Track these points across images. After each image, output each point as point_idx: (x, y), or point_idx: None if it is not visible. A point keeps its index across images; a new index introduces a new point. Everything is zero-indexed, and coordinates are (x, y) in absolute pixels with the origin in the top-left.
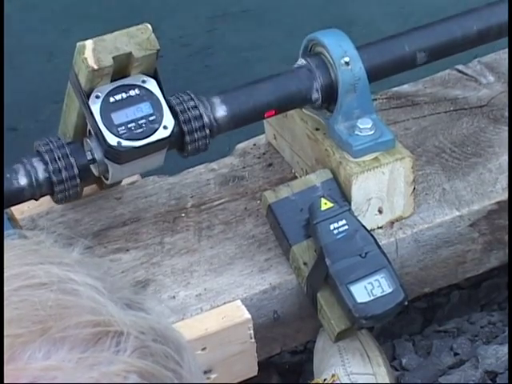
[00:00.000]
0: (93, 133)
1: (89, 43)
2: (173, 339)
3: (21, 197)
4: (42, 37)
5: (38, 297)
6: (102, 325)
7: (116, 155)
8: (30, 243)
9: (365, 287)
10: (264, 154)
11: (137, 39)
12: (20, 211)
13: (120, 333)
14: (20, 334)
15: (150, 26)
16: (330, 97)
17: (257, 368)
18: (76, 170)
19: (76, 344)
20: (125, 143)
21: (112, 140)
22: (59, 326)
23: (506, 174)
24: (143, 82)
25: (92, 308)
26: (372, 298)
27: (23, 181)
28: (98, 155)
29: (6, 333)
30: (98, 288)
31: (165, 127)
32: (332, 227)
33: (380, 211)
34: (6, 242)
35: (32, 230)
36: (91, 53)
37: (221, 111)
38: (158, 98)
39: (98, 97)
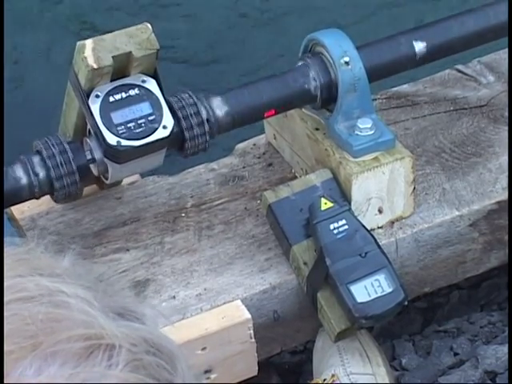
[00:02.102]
0: (92, 132)
1: (89, 42)
2: (165, 349)
3: (20, 196)
4: None
5: (28, 310)
6: (94, 338)
7: (115, 155)
8: (20, 252)
9: (365, 287)
10: (264, 153)
11: (137, 39)
12: (20, 211)
13: (112, 346)
14: (11, 350)
15: (149, 25)
16: (330, 97)
17: (257, 368)
18: (75, 170)
19: (67, 359)
20: (124, 143)
21: (111, 140)
22: (50, 341)
23: (506, 173)
24: (143, 81)
25: (83, 321)
26: (372, 297)
27: (23, 180)
28: (98, 155)
29: None
30: (88, 299)
31: (164, 127)
32: (332, 227)
33: (380, 211)
34: None
35: (28, 232)
36: (91, 52)
37: (221, 111)
38: (157, 98)
39: (97, 96)
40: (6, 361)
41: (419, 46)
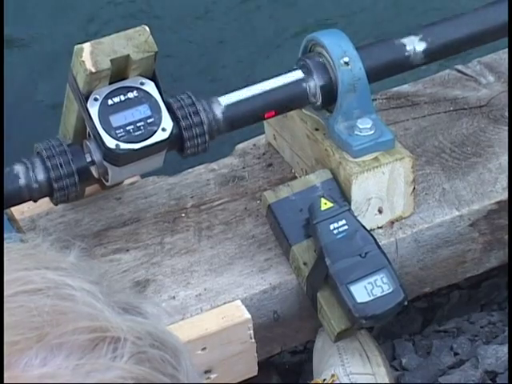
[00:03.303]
0: (91, 135)
1: (86, 46)
2: (170, 344)
3: (20, 197)
4: None
5: (34, 303)
6: (99, 330)
7: (115, 158)
8: (26, 247)
9: (365, 287)
10: (264, 154)
11: (135, 41)
12: (20, 211)
13: (117, 338)
14: (17, 341)
15: (147, 27)
16: (330, 97)
17: (257, 368)
18: (75, 172)
19: (73, 350)
20: (123, 146)
21: (110, 143)
22: (56, 333)
23: (506, 173)
24: (141, 84)
25: (88, 314)
26: (372, 297)
27: (23, 182)
28: (98, 157)
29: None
30: (94, 293)
31: (163, 129)
32: (332, 227)
33: (380, 211)
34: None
35: (28, 233)
36: (89, 56)
37: (220, 112)
38: (156, 100)
39: (96, 99)
40: (11, 351)
41: (419, 47)
